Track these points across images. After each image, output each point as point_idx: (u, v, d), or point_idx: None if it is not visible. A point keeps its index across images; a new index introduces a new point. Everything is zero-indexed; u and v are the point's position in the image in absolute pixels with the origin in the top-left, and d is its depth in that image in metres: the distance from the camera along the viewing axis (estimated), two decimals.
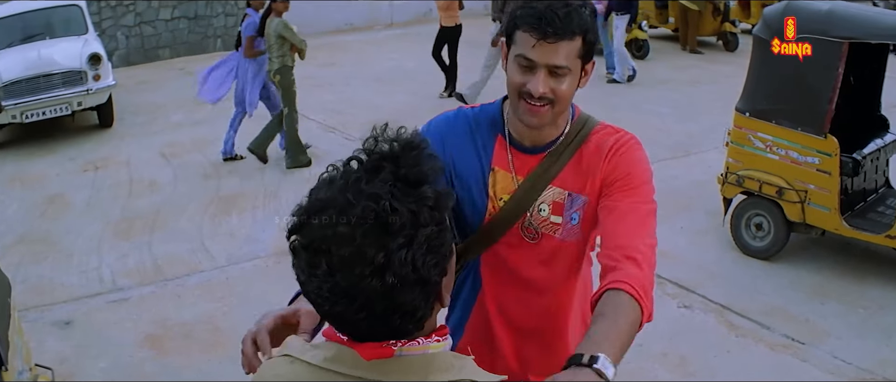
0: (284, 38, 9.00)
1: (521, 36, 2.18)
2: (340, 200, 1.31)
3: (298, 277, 1.37)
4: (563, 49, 2.14)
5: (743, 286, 6.39)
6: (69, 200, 8.69)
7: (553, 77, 2.17)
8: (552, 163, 2.35)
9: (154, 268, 6.93)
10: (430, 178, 1.36)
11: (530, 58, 2.15)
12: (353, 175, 1.34)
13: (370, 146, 1.38)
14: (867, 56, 6.65)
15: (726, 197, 6.96)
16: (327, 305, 1.34)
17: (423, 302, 1.35)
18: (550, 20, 2.11)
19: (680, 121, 10.84)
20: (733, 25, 15.64)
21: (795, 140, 6.31)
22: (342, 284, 1.29)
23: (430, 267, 1.34)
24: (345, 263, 1.28)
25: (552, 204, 2.35)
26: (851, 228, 6.24)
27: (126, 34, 15.40)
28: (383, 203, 1.29)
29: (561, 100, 2.21)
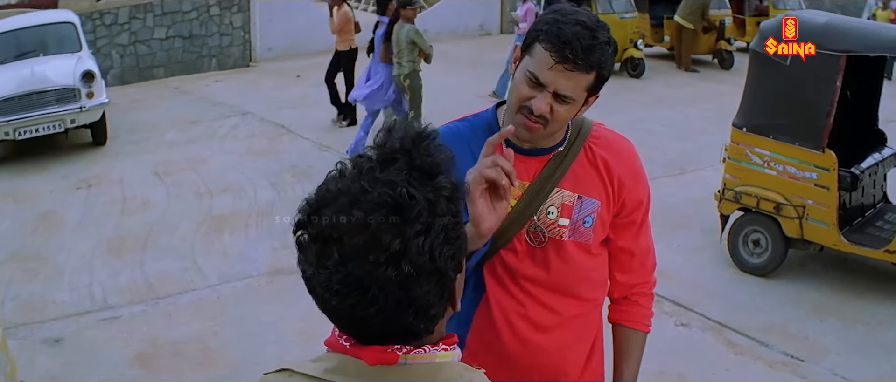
0: (415, 43, 9.57)
1: (539, 52, 2.14)
2: (354, 188, 1.26)
3: (304, 272, 1.30)
4: (575, 79, 2.13)
5: (741, 303, 6.34)
6: (61, 218, 8.61)
7: (556, 100, 2.16)
8: (557, 164, 2.33)
9: (146, 287, 6.85)
10: (444, 169, 1.32)
11: (541, 79, 2.14)
12: (367, 165, 1.30)
13: (381, 140, 1.35)
14: (864, 70, 6.63)
15: (723, 214, 6.92)
16: (336, 300, 1.27)
17: (437, 298, 1.30)
18: (574, 48, 2.09)
19: (675, 139, 10.82)
20: (729, 43, 15.70)
21: (793, 155, 6.28)
22: (355, 273, 1.23)
23: (447, 258, 1.29)
24: (358, 251, 1.22)
25: (561, 207, 2.34)
26: (850, 243, 6.20)
27: (121, 53, 15.37)
28: (400, 189, 1.24)
29: (556, 122, 2.20)
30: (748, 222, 6.72)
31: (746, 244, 6.76)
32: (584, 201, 2.34)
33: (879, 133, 6.97)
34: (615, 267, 2.52)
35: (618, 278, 2.53)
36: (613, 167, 2.37)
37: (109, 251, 7.62)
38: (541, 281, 2.38)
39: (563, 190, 2.34)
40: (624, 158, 2.41)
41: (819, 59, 5.99)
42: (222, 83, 15.08)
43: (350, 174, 1.29)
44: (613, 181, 2.36)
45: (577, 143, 2.35)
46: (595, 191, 2.35)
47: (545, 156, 2.34)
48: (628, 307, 2.56)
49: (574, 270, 2.39)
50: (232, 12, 16.52)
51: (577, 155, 2.35)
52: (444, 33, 19.20)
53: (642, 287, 2.56)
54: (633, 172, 2.42)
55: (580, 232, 2.35)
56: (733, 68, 15.20)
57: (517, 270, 2.37)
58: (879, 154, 6.79)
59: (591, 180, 2.35)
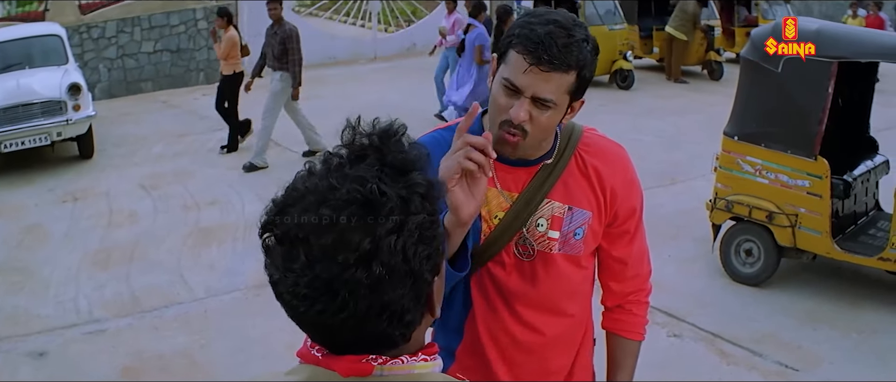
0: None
1: (513, 57, 2.03)
2: (322, 186, 1.19)
3: (271, 277, 1.22)
4: (553, 81, 2.01)
5: (733, 313, 6.29)
6: (47, 231, 8.54)
7: (536, 106, 2.05)
8: (546, 175, 2.24)
9: (131, 300, 6.78)
10: (418, 165, 1.25)
11: (517, 84, 2.03)
12: (336, 162, 1.23)
13: (349, 138, 1.27)
14: (855, 77, 6.61)
15: (715, 224, 6.87)
16: (304, 305, 1.18)
17: (412, 302, 1.22)
18: (548, 47, 1.97)
19: (665, 149, 10.79)
20: (718, 54, 15.71)
21: (785, 163, 6.25)
22: (323, 276, 1.15)
23: (422, 259, 1.21)
24: (326, 252, 1.15)
25: (551, 219, 2.25)
26: (843, 251, 6.17)
27: (108, 67, 15.30)
28: (370, 186, 1.17)
29: (538, 130, 2.09)
30: (740, 231, 6.67)
31: (739, 253, 6.71)
32: (575, 212, 2.26)
33: (871, 140, 6.95)
34: (609, 276, 2.45)
35: (611, 287, 2.47)
36: (605, 176, 2.28)
37: (95, 264, 7.55)
38: (527, 298, 2.30)
39: (552, 201, 2.25)
40: (616, 166, 2.32)
41: (811, 65, 5.96)
42: (210, 97, 14.94)
43: (319, 172, 1.23)
44: (605, 191, 2.28)
45: (568, 152, 2.25)
46: (586, 202, 2.27)
47: (534, 167, 2.24)
48: (621, 315, 2.50)
49: (562, 285, 2.31)
50: None
51: (568, 164, 2.25)
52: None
53: (637, 295, 2.49)
54: (625, 181, 2.33)
55: (571, 244, 2.27)
56: (723, 79, 15.19)
57: (504, 285, 2.29)
58: (871, 161, 6.77)
59: (582, 190, 2.27)
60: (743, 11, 17.46)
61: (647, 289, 2.51)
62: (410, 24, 20.11)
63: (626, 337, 2.50)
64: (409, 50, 19.21)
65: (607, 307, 2.52)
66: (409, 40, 19.55)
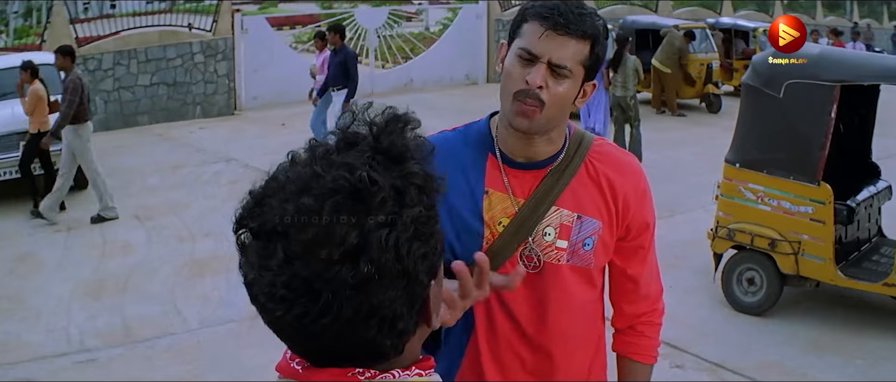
0: (636, 71, 11.77)
1: (528, 28, 2.01)
2: (305, 174, 1.06)
3: (245, 278, 1.08)
4: (570, 46, 1.98)
5: (736, 343, 6.20)
6: (40, 259, 8.50)
7: (552, 75, 1.99)
8: (555, 180, 2.13)
9: (124, 330, 6.69)
10: (416, 154, 1.11)
11: (533, 50, 1.98)
12: (322, 149, 1.10)
13: (345, 122, 1.14)
14: (856, 102, 6.58)
15: (716, 253, 6.80)
16: (281, 309, 1.04)
17: (405, 307, 1.08)
18: (564, 13, 1.97)
19: (664, 181, 10.68)
20: (716, 87, 15.73)
21: (788, 189, 6.19)
22: (302, 275, 1.01)
23: (417, 259, 1.07)
24: (307, 247, 1.01)
25: (560, 228, 2.13)
26: (847, 278, 6.10)
27: (104, 99, 15.26)
28: (360, 173, 1.04)
29: (554, 104, 2.01)
30: (742, 260, 6.60)
31: (741, 282, 6.63)
32: (585, 221, 2.14)
33: (873, 166, 6.91)
34: (621, 296, 2.33)
35: (623, 308, 2.34)
36: (618, 185, 2.16)
37: (88, 294, 7.48)
38: (532, 314, 2.17)
39: (561, 208, 2.13)
40: (629, 176, 2.20)
41: (813, 89, 5.93)
42: (207, 130, 14.99)
43: (302, 160, 1.10)
44: (617, 201, 2.16)
45: (577, 158, 2.16)
46: (596, 211, 2.15)
47: (542, 171, 2.14)
48: (633, 337, 2.37)
49: (570, 301, 2.18)
50: (217, 61, 16.50)
51: (577, 170, 2.15)
52: (429, 84, 19.24)
53: (650, 316, 2.36)
54: (639, 192, 2.21)
55: (579, 255, 2.15)
56: (721, 112, 15.22)
57: (508, 301, 2.16)
58: (874, 187, 6.73)
59: (592, 199, 2.15)
60: (740, 44, 17.55)
61: (659, 310, 2.39)
62: (408, 60, 20.13)
63: (637, 361, 2.37)
64: (407, 85, 19.24)
65: (618, 329, 2.39)
66: (407, 76, 19.59)
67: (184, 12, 17.19)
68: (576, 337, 2.24)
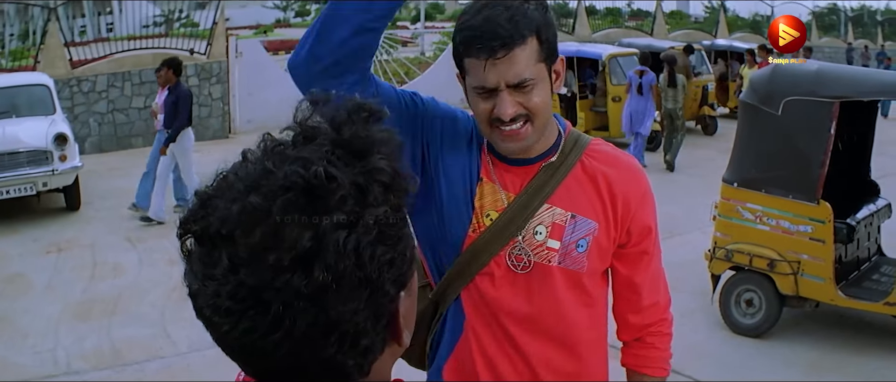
0: (684, 87, 13.30)
1: (468, 63, 1.90)
2: (255, 171, 0.94)
3: (190, 288, 0.96)
4: (518, 59, 1.86)
5: (734, 366, 6.12)
6: (29, 280, 8.39)
7: (520, 92, 1.89)
8: (549, 177, 2.03)
9: (112, 353, 6.58)
10: (382, 149, 0.99)
11: (486, 85, 1.88)
12: (274, 143, 0.98)
13: (304, 114, 1.01)
14: (854, 120, 6.54)
15: (714, 274, 6.71)
16: (227, 322, 0.92)
17: (369, 322, 0.95)
18: (493, 33, 1.83)
19: (660, 203, 10.42)
20: (712, 109, 15.74)
21: (787, 208, 6.12)
22: (249, 283, 0.89)
23: (382, 265, 0.94)
24: (255, 251, 0.89)
25: (552, 227, 2.02)
26: (848, 298, 6.03)
27: (98, 121, 15.24)
28: (315, 168, 0.91)
29: (538, 114, 1.93)
30: (740, 281, 6.52)
31: (739, 304, 6.54)
32: (579, 221, 2.03)
33: (872, 184, 6.85)
34: (625, 306, 2.20)
35: (629, 319, 2.21)
36: (616, 185, 2.05)
37: (77, 315, 7.36)
38: (519, 316, 2.06)
39: (554, 206, 2.03)
40: (629, 176, 2.10)
41: (812, 106, 5.88)
42: (201, 153, 14.84)
43: (254, 156, 0.98)
44: (616, 202, 2.05)
45: (573, 154, 2.05)
46: (591, 211, 2.04)
47: (535, 166, 2.04)
48: (642, 350, 2.23)
49: (560, 307, 2.07)
50: (211, 84, 16.50)
51: (573, 167, 2.05)
52: None
53: (659, 326, 2.23)
54: (640, 193, 2.10)
55: (572, 257, 2.03)
56: (717, 134, 15.20)
57: (494, 301, 2.05)
58: (874, 205, 6.67)
59: (588, 197, 2.04)
60: (736, 66, 17.57)
61: (668, 320, 2.27)
62: (402, 84, 20.13)
63: (648, 375, 2.24)
64: None
65: (625, 342, 2.27)
66: None
67: (180, 36, 17.20)
68: (564, 345, 2.11)
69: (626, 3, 26.41)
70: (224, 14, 17.20)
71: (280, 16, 61.14)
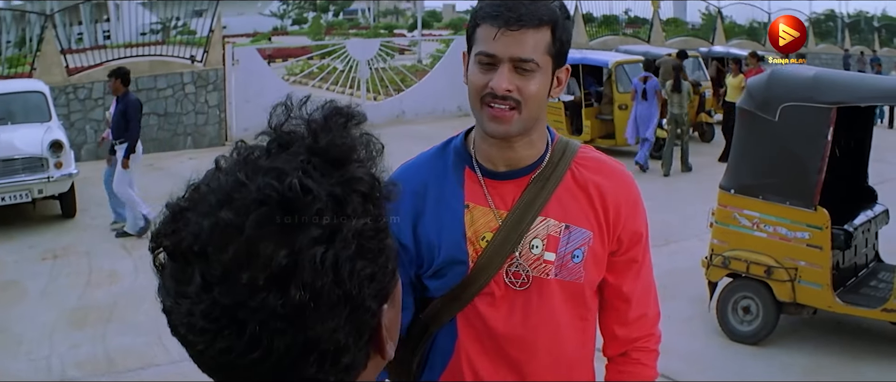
0: (689, 92, 13.53)
1: (481, 31, 1.90)
2: (228, 183, 0.90)
3: (163, 305, 0.92)
4: (528, 38, 1.86)
5: (732, 373, 6.11)
6: (24, 288, 8.38)
7: (518, 74, 1.87)
8: (539, 189, 1.99)
9: (106, 360, 6.57)
10: (361, 156, 0.95)
11: (491, 51, 1.87)
12: (247, 151, 0.94)
13: (279, 118, 0.97)
14: (851, 125, 6.53)
15: (711, 281, 6.70)
16: (202, 342, 0.88)
17: (350, 338, 0.91)
18: (513, 7, 1.85)
19: (657, 210, 10.60)
20: (709, 116, 15.73)
21: (784, 215, 6.11)
22: (223, 302, 0.85)
23: (362, 280, 0.90)
24: (228, 269, 0.85)
25: (547, 239, 1.98)
26: (845, 304, 6.02)
27: (95, 128, 15.20)
28: (290, 180, 0.88)
29: (529, 102, 1.89)
30: (738, 288, 6.51)
31: (736, 311, 6.53)
32: (573, 231, 1.99)
33: (870, 190, 6.84)
34: (612, 318, 2.14)
35: (616, 332, 2.14)
36: (607, 193, 2.02)
37: (71, 323, 7.35)
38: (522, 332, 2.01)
39: (548, 218, 1.99)
40: (620, 183, 2.06)
41: (809, 112, 5.88)
42: (197, 161, 14.90)
43: (227, 166, 0.94)
44: (607, 209, 2.02)
45: (563, 164, 2.02)
46: (585, 220, 2.00)
47: (524, 178, 2.01)
48: (628, 366, 2.16)
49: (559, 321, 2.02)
50: (208, 91, 16.49)
51: (563, 176, 2.01)
52: (421, 115, 19.23)
53: (646, 341, 2.16)
54: (631, 200, 2.06)
55: (568, 268, 1.99)
56: (713, 141, 15.22)
57: (492, 321, 2.01)
58: (871, 211, 6.66)
59: (581, 207, 2.01)
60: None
61: (656, 335, 2.20)
62: (399, 92, 20.15)
63: None
64: (399, 117, 19.23)
65: (611, 357, 2.20)
66: (399, 108, 19.59)
67: (177, 44, 17.20)
68: (560, 362, 2.07)
69: (624, 10, 26.40)
70: (221, 22, 17.19)
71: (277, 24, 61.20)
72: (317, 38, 42.37)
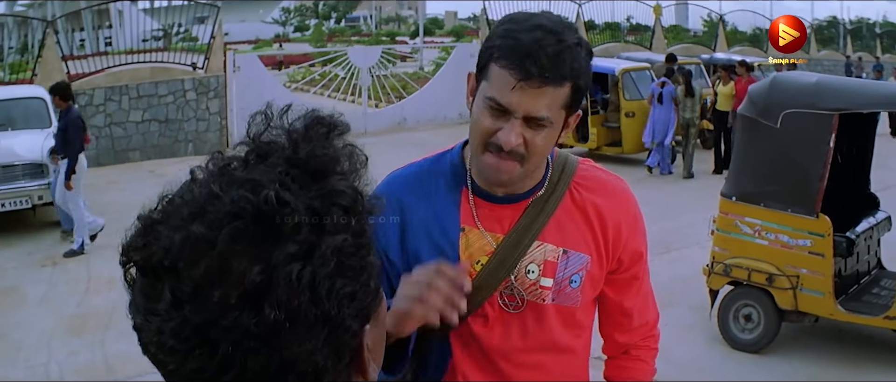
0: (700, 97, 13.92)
1: (497, 73, 1.75)
2: (201, 195, 0.86)
3: (134, 323, 0.88)
4: (546, 97, 1.73)
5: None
6: (23, 294, 8.38)
7: (529, 127, 1.77)
8: (538, 212, 1.93)
9: (105, 367, 6.55)
10: (343, 168, 0.91)
11: (504, 104, 1.75)
12: (224, 162, 0.89)
13: (258, 128, 0.92)
14: (853, 132, 6.50)
15: (713, 289, 6.66)
16: (173, 362, 0.84)
17: (330, 360, 0.87)
18: (537, 59, 1.69)
19: (658, 218, 10.59)
20: (710, 122, 15.69)
21: (785, 222, 6.08)
22: (194, 321, 0.81)
23: (342, 300, 0.85)
24: (199, 286, 0.81)
25: (544, 264, 1.93)
26: (847, 312, 5.98)
27: (96, 135, 15.20)
28: (266, 193, 0.83)
29: (534, 156, 1.82)
30: (739, 296, 6.47)
31: (737, 319, 6.50)
32: (571, 256, 1.94)
33: (872, 197, 6.81)
34: (613, 327, 2.12)
35: (618, 338, 2.13)
36: (607, 214, 1.96)
37: (70, 330, 7.34)
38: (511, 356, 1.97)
39: (545, 243, 1.93)
40: (620, 202, 2.00)
41: (811, 118, 5.85)
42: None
43: (202, 177, 0.89)
44: (607, 231, 1.96)
45: (561, 186, 1.95)
46: (584, 244, 1.95)
47: (522, 203, 1.94)
48: (627, 362, 2.15)
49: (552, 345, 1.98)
50: (209, 98, 16.50)
51: (562, 199, 1.95)
52: (422, 122, 19.23)
53: (646, 341, 2.15)
54: (630, 219, 2.00)
55: (566, 293, 1.95)
56: None
57: (485, 342, 1.96)
58: (873, 218, 6.63)
59: (579, 230, 1.95)
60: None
61: (655, 335, 2.18)
62: (401, 99, 20.15)
63: None
64: (400, 124, 19.24)
65: (611, 355, 2.19)
66: (400, 115, 19.59)
67: (179, 50, 17.21)
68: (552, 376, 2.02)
69: (626, 17, 26.40)
70: (222, 28, 17.20)
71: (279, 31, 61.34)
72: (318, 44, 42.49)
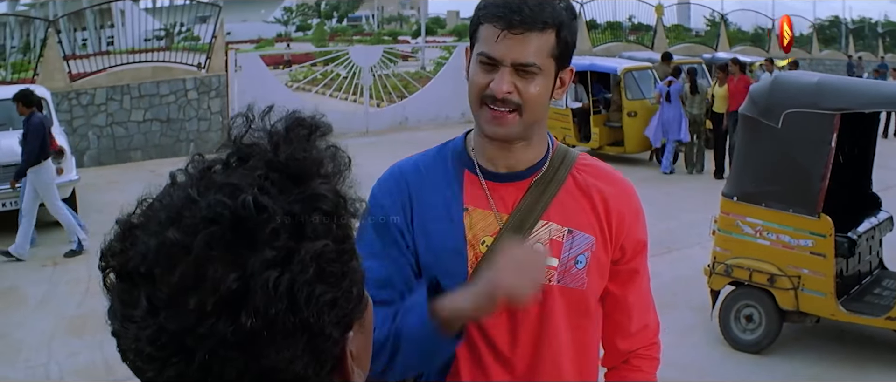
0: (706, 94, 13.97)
1: (484, 31, 1.84)
2: (179, 199, 0.85)
3: (112, 329, 0.87)
4: (531, 42, 1.80)
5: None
6: (23, 294, 8.37)
7: (520, 76, 1.82)
8: (541, 192, 1.94)
9: (105, 368, 6.51)
10: (325, 171, 0.89)
11: (493, 55, 1.81)
12: (203, 164, 0.89)
13: (239, 130, 0.91)
14: (854, 132, 6.48)
15: (714, 290, 6.64)
16: (151, 369, 0.83)
17: (310, 368, 0.86)
18: (519, 9, 1.79)
19: (659, 218, 10.59)
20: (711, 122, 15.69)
21: (787, 222, 6.06)
22: (169, 329, 0.80)
23: (322, 307, 0.84)
24: (174, 293, 0.80)
25: (549, 243, 1.92)
26: (849, 313, 5.97)
27: (97, 134, 15.24)
28: (244, 197, 0.82)
29: (530, 106, 1.85)
30: (740, 296, 6.45)
31: (739, 320, 6.48)
32: (576, 236, 1.93)
33: (874, 197, 6.79)
34: (614, 330, 2.09)
35: (618, 345, 2.10)
36: (611, 200, 1.97)
37: (70, 330, 7.32)
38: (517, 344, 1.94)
39: (550, 222, 1.93)
40: (622, 190, 2.01)
41: (812, 118, 5.83)
42: None
43: (181, 181, 0.88)
44: (610, 216, 1.96)
45: (563, 168, 1.97)
46: (588, 225, 1.94)
47: (525, 181, 1.95)
48: (628, 373, 2.12)
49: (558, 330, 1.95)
50: (210, 97, 16.49)
51: (564, 181, 1.96)
52: (424, 122, 19.21)
53: (647, 349, 2.12)
54: (633, 208, 2.01)
55: (572, 274, 1.93)
56: None
57: (489, 330, 1.94)
58: (875, 218, 6.61)
59: (583, 211, 1.95)
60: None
61: (657, 344, 2.15)
62: (402, 99, 20.13)
63: None
64: (402, 124, 19.23)
65: (610, 366, 2.16)
66: (401, 114, 19.58)
67: (181, 50, 17.21)
68: (561, 369, 2.00)
69: (627, 16, 26.41)
70: (224, 28, 17.19)
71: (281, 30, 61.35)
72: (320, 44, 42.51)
